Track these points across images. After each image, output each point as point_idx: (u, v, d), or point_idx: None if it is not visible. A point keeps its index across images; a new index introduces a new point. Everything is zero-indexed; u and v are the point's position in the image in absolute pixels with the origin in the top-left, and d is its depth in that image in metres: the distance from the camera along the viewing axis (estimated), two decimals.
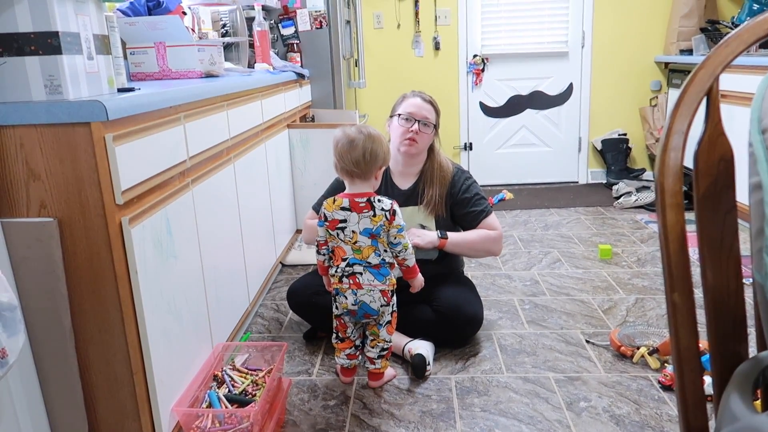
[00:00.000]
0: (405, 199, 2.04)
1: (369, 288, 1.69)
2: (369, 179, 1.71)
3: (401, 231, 1.70)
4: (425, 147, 2.04)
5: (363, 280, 1.69)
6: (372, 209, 1.68)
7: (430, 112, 2.03)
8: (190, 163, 1.60)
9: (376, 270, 1.70)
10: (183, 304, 1.52)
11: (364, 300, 1.70)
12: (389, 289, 1.73)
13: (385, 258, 1.71)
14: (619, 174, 4.23)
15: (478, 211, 2.05)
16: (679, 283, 0.66)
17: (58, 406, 1.26)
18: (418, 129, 1.98)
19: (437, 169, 2.06)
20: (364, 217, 1.68)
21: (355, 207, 1.68)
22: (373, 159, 1.67)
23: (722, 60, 0.65)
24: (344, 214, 1.69)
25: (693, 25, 3.95)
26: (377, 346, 1.77)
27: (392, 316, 1.78)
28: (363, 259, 1.69)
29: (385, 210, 1.68)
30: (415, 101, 2.03)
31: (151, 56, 2.03)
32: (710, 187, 0.66)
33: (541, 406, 1.69)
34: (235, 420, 1.46)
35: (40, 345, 1.23)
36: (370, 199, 1.68)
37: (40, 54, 1.13)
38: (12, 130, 1.14)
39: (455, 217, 2.08)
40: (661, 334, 1.97)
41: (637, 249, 2.96)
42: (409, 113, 2.00)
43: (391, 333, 1.79)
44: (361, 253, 1.69)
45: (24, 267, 1.18)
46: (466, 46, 4.32)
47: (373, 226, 1.68)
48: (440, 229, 2.04)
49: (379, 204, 1.68)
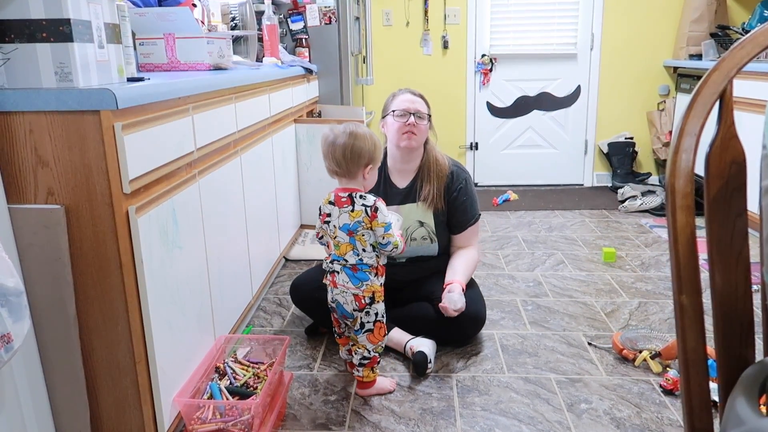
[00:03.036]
0: (403, 197, 2.06)
1: (342, 289, 1.66)
2: (354, 178, 1.67)
3: (388, 229, 1.65)
4: (423, 140, 2.06)
5: (339, 279, 1.66)
6: (352, 204, 1.65)
7: (422, 104, 2.05)
8: (198, 154, 1.60)
9: (351, 272, 1.65)
10: (187, 295, 1.53)
11: (338, 299, 1.68)
12: (365, 296, 1.66)
13: (364, 258, 1.65)
14: (624, 178, 4.21)
15: (467, 218, 2.10)
16: (687, 285, 0.66)
17: (61, 392, 1.27)
18: (415, 121, 1.99)
19: (433, 164, 2.07)
20: (343, 212, 1.65)
21: (337, 201, 1.67)
22: (356, 157, 1.64)
23: (737, 62, 0.65)
24: (329, 208, 1.69)
25: (703, 30, 3.93)
26: (358, 353, 1.71)
27: (375, 326, 1.69)
28: (341, 256, 1.66)
29: (366, 206, 1.64)
30: (406, 97, 2.05)
31: (160, 47, 2.03)
32: (721, 190, 0.66)
33: (542, 406, 1.69)
34: (236, 412, 1.46)
35: (45, 331, 1.23)
36: (351, 195, 1.65)
37: (52, 41, 1.13)
38: (21, 117, 1.15)
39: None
40: (664, 338, 1.97)
41: (641, 253, 2.95)
42: (403, 109, 2.01)
43: (374, 342, 1.70)
44: (339, 249, 1.67)
45: (30, 253, 1.19)
46: (475, 46, 4.31)
47: (351, 221, 1.64)
48: (438, 223, 2.05)
49: (360, 200, 1.65)
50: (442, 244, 2.09)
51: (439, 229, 2.07)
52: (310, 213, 3.02)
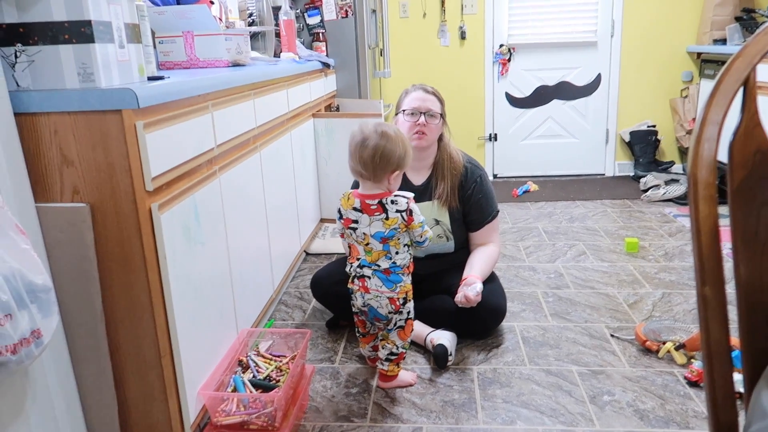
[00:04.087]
0: (419, 195, 2.02)
1: (376, 294, 1.64)
2: (379, 183, 1.61)
3: (425, 227, 1.63)
4: (435, 138, 2.03)
5: (371, 284, 1.64)
6: (384, 212, 1.59)
7: (434, 103, 2.00)
8: (218, 151, 1.62)
9: (385, 276, 1.62)
10: (209, 289, 1.55)
11: (371, 304, 1.66)
12: (399, 297, 1.64)
13: (397, 261, 1.63)
14: (647, 167, 4.15)
15: (483, 216, 2.07)
16: (710, 276, 0.65)
17: (89, 385, 1.30)
18: (425, 121, 1.97)
19: (447, 161, 2.05)
20: (375, 220, 1.60)
21: (366, 209, 1.61)
22: (385, 161, 1.56)
23: (761, 48, 0.64)
24: (356, 215, 1.63)
25: (727, 14, 3.84)
26: (386, 348, 1.72)
27: (406, 323, 1.70)
28: (373, 262, 1.63)
29: (400, 211, 1.59)
30: (418, 94, 2.01)
31: (179, 45, 2.05)
32: (745, 179, 0.65)
33: (564, 399, 1.68)
34: (260, 404, 1.48)
35: (73, 326, 1.26)
36: (382, 201, 1.59)
37: (74, 42, 1.15)
38: (47, 118, 1.17)
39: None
40: (688, 329, 1.94)
41: (664, 243, 2.91)
42: (413, 108, 1.98)
43: (403, 339, 1.71)
44: (371, 255, 1.64)
45: (57, 250, 1.21)
46: (493, 36, 4.27)
47: (386, 229, 1.59)
48: (453, 220, 2.03)
49: (392, 206, 1.59)
50: (458, 240, 2.08)
51: (454, 226, 2.06)
52: (330, 207, 3.03)
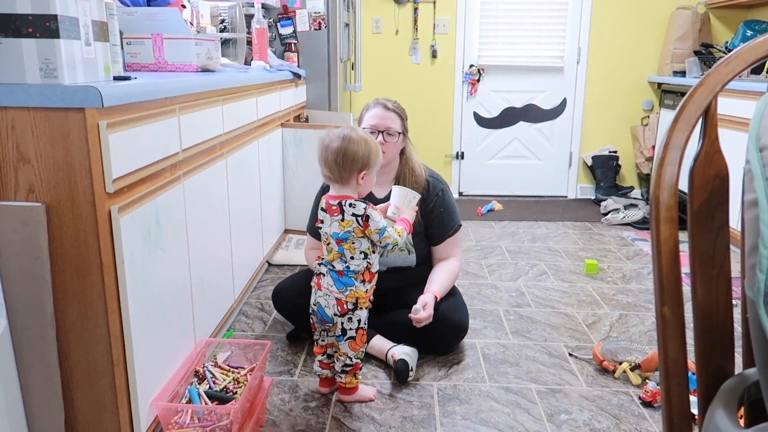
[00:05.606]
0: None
1: (326, 292, 1.65)
2: (347, 184, 1.63)
3: (383, 234, 1.62)
4: (394, 155, 2.03)
5: (324, 282, 1.65)
6: (341, 213, 1.62)
7: (393, 120, 2.00)
8: (183, 155, 1.59)
9: (337, 276, 1.64)
10: (168, 297, 1.51)
11: (320, 302, 1.66)
12: (347, 301, 1.64)
13: (351, 266, 1.63)
14: (607, 191, 4.26)
15: (444, 230, 2.07)
16: (669, 296, 0.66)
17: (35, 392, 1.24)
18: (383, 140, 1.96)
19: (409, 174, 2.05)
20: (334, 220, 1.63)
21: (329, 209, 1.64)
22: (348, 162, 1.59)
23: (722, 78, 0.66)
24: (322, 215, 1.67)
25: (687, 48, 4.01)
26: (340, 360, 1.70)
27: (357, 333, 1.68)
28: (329, 262, 1.65)
29: (357, 215, 1.60)
30: (377, 111, 2.00)
31: (148, 47, 2.01)
32: (704, 203, 0.67)
33: (522, 416, 1.69)
34: (215, 417, 1.45)
35: (20, 330, 1.20)
36: (341, 203, 1.62)
37: (37, 37, 1.11)
38: (4, 112, 1.13)
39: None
40: (644, 350, 1.98)
41: (622, 265, 2.98)
42: (371, 126, 1.98)
43: (355, 349, 1.69)
44: (330, 255, 1.65)
45: (8, 251, 1.16)
46: (463, 56, 4.34)
47: (341, 230, 1.61)
48: (416, 233, 2.02)
49: (350, 209, 1.61)
50: (420, 254, 2.08)
51: (416, 239, 2.05)
52: (295, 218, 3.01)
